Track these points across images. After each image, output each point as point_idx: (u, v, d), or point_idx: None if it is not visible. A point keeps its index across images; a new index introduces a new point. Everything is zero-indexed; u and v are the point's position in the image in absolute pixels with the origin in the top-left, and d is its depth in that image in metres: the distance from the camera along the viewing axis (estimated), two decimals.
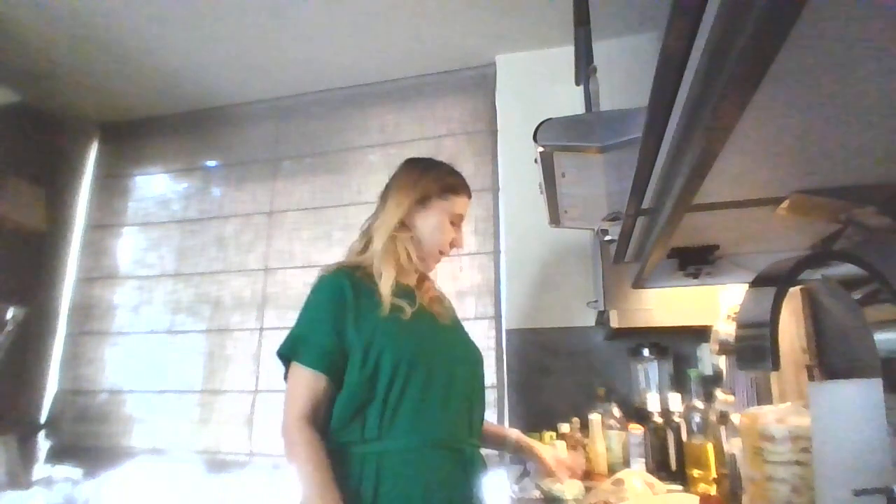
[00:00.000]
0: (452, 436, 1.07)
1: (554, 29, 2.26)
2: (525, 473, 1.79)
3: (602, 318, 1.77)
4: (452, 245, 1.23)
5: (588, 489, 1.42)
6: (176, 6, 2.18)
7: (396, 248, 1.17)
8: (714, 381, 1.64)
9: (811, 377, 1.00)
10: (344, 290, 1.10)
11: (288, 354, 1.08)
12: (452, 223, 1.22)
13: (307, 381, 1.05)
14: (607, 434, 1.74)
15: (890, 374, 0.60)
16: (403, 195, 1.20)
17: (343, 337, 1.06)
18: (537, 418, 1.99)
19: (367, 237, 1.22)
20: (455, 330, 1.27)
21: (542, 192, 0.94)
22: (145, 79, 2.68)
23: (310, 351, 1.06)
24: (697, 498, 1.26)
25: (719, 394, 1.47)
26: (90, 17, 2.24)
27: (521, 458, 1.45)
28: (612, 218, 0.81)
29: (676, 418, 1.64)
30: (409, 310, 1.10)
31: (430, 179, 1.23)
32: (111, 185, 3.02)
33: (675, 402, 1.64)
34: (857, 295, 0.60)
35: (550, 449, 1.40)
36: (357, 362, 1.05)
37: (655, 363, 1.90)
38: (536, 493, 1.40)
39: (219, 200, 2.81)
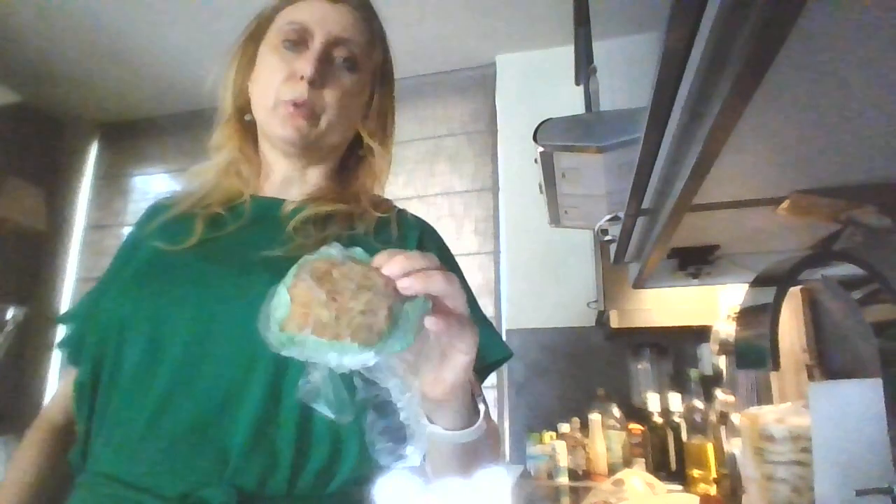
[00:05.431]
0: (163, 474, 0.56)
1: (554, 29, 2.26)
2: (525, 474, 1.79)
3: (602, 318, 1.77)
4: (296, 80, 0.68)
5: (588, 489, 1.42)
6: (176, 6, 2.18)
7: (225, 146, 0.80)
8: (714, 381, 1.64)
9: (811, 377, 1.00)
10: (134, 232, 0.76)
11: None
12: (292, 49, 0.71)
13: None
14: (607, 434, 1.74)
15: (890, 373, 0.60)
16: (228, 70, 0.78)
17: None
18: (537, 418, 2.00)
19: None
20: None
21: (542, 192, 0.94)
22: (145, 79, 2.68)
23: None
24: (697, 498, 1.26)
25: (719, 394, 1.48)
26: (90, 17, 2.24)
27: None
28: (612, 218, 0.81)
29: (676, 418, 1.64)
30: (168, 246, 0.67)
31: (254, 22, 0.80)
32: (111, 185, 3.02)
33: (675, 402, 1.64)
34: (857, 295, 0.60)
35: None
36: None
37: (655, 363, 1.91)
38: None
39: None
